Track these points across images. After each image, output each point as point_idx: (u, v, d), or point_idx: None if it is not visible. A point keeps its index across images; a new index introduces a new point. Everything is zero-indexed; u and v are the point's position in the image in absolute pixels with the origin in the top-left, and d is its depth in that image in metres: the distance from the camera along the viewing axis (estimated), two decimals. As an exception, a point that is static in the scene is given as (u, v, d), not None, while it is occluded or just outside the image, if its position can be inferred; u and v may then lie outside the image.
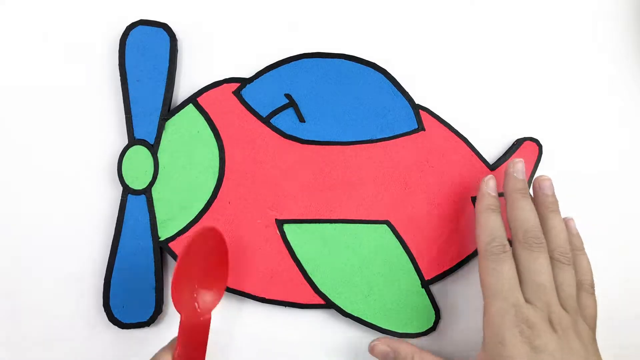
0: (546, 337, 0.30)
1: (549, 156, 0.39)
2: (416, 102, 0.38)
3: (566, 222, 0.36)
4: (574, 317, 0.31)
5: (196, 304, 0.33)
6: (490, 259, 0.32)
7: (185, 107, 0.38)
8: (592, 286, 0.34)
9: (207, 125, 0.38)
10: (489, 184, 0.35)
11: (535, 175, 0.39)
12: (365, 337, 0.38)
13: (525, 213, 0.33)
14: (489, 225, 0.33)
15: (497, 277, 0.31)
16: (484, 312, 0.32)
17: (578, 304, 0.32)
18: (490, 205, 0.34)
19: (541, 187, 0.35)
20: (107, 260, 0.37)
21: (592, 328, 0.32)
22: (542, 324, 0.30)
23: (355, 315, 0.37)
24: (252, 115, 0.38)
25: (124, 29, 0.38)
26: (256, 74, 0.38)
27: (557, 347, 0.29)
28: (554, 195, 0.35)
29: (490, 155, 0.39)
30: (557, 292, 0.32)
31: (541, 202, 0.35)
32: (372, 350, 0.36)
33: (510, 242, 0.33)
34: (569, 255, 0.33)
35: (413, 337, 0.37)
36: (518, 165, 0.35)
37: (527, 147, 0.39)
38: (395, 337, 0.36)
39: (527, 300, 0.31)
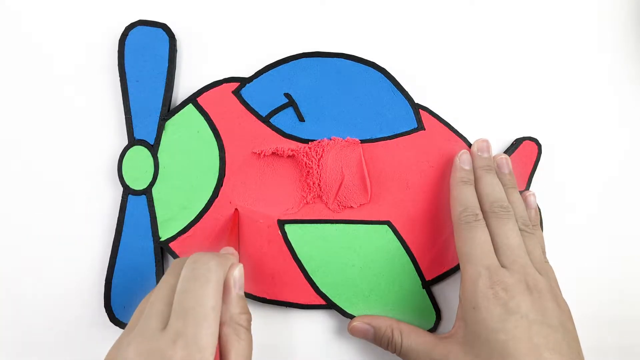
0: (520, 298, 0.30)
1: (549, 156, 0.39)
2: (416, 102, 0.38)
3: (527, 197, 0.38)
4: (547, 279, 0.32)
5: None
6: (463, 227, 0.33)
7: (185, 107, 0.38)
8: (545, 255, 0.36)
9: (207, 125, 0.37)
10: (462, 157, 0.37)
11: (536, 174, 0.39)
12: (365, 336, 0.38)
13: (490, 187, 0.35)
14: (461, 197, 0.35)
15: (470, 244, 0.33)
16: (461, 280, 0.33)
17: None
18: (462, 178, 0.36)
19: (499, 165, 0.37)
20: (108, 261, 0.37)
21: (560, 291, 0.33)
22: (518, 286, 0.31)
23: (356, 315, 0.37)
24: (252, 115, 0.38)
25: (123, 30, 0.38)
26: (255, 73, 0.38)
27: (530, 308, 0.30)
28: (511, 172, 0.37)
29: (490, 155, 0.39)
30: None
31: (500, 180, 0.36)
32: (352, 330, 0.36)
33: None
34: (530, 225, 0.35)
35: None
36: (481, 144, 0.37)
37: (526, 146, 0.39)
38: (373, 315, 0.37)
39: (503, 265, 0.32)
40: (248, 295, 0.37)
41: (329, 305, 0.37)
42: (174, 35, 0.38)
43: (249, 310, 0.30)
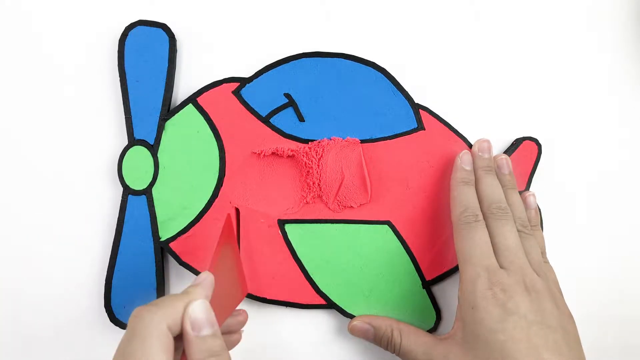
0: (519, 299, 0.30)
1: (549, 156, 0.39)
2: (416, 102, 0.38)
3: (526, 197, 0.38)
4: (545, 281, 0.32)
5: None
6: (463, 227, 0.33)
7: (185, 107, 0.38)
8: (545, 255, 0.36)
9: (207, 125, 0.37)
10: (463, 158, 0.36)
11: (536, 174, 0.39)
12: (366, 336, 0.38)
13: (490, 188, 0.35)
14: (461, 197, 0.35)
15: (470, 244, 0.33)
16: (459, 281, 0.33)
17: None
18: (463, 178, 0.36)
19: (499, 166, 0.37)
20: (108, 261, 0.37)
21: (560, 292, 0.33)
22: (516, 287, 0.31)
23: (356, 315, 0.37)
24: (252, 115, 0.38)
25: (123, 30, 0.37)
26: (255, 73, 0.38)
27: (529, 309, 0.30)
28: (511, 173, 0.37)
29: (490, 155, 0.39)
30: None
31: (500, 181, 0.36)
32: (352, 330, 0.36)
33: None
34: (528, 226, 0.35)
35: (413, 336, 0.37)
36: (482, 145, 0.37)
37: (526, 146, 0.39)
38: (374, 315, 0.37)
39: (501, 266, 0.32)
40: (248, 295, 0.37)
41: (329, 305, 0.37)
42: (174, 35, 0.38)
43: (224, 348, 0.26)
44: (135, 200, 0.37)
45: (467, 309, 0.31)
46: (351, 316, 0.37)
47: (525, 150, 0.39)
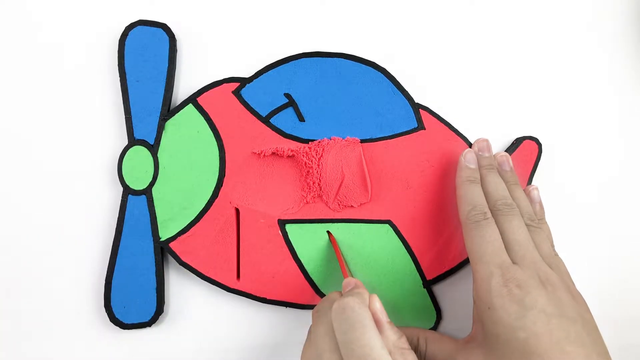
0: (536, 293, 0.30)
1: (549, 155, 0.39)
2: (416, 102, 0.38)
3: (530, 191, 0.38)
4: (558, 273, 0.32)
5: None
6: (473, 226, 0.33)
7: (185, 107, 0.38)
8: (554, 248, 0.35)
9: (207, 125, 0.37)
10: (467, 156, 0.36)
11: (536, 174, 0.39)
12: (366, 336, 0.38)
13: (493, 185, 0.35)
14: (468, 195, 0.34)
15: (480, 242, 0.32)
16: (473, 281, 0.32)
17: None
18: (468, 177, 0.35)
19: (500, 163, 0.37)
20: (107, 261, 0.37)
21: (572, 283, 0.33)
22: (531, 281, 0.30)
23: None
24: (252, 115, 0.38)
25: (123, 30, 0.38)
26: (256, 73, 0.38)
27: (547, 303, 0.29)
28: (512, 169, 0.37)
29: (490, 155, 0.39)
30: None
31: (502, 178, 0.36)
32: None
33: None
34: (536, 219, 0.35)
35: (414, 336, 0.37)
36: (482, 144, 0.37)
37: (526, 146, 0.39)
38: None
39: (513, 262, 0.31)
40: (248, 295, 0.37)
41: (329, 305, 0.37)
42: (174, 35, 0.38)
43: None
44: (135, 200, 0.37)
45: (484, 309, 0.31)
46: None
47: (526, 150, 0.39)
